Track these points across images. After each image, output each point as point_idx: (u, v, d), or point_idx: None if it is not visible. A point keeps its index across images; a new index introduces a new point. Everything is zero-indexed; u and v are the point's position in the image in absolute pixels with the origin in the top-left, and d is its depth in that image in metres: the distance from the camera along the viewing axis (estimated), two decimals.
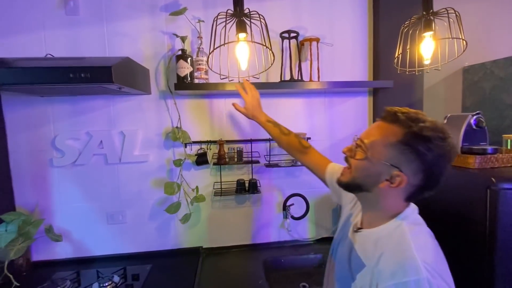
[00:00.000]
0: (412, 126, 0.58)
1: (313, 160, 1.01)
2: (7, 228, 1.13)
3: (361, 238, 0.69)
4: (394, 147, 0.60)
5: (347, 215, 0.82)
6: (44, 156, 1.36)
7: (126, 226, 1.45)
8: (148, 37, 1.37)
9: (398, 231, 0.62)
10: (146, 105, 1.40)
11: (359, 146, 0.65)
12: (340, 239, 0.79)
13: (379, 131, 0.63)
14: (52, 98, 1.34)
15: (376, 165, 0.62)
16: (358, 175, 0.65)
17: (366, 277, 0.61)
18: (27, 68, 0.89)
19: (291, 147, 1.06)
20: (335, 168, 0.93)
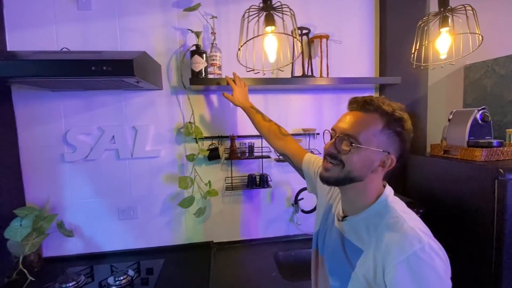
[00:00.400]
0: (387, 112, 0.62)
1: (291, 147, 1.02)
2: (22, 223, 1.12)
3: (349, 225, 0.70)
4: (381, 134, 0.62)
5: (327, 207, 0.81)
6: (55, 151, 1.35)
7: (137, 222, 1.45)
8: (160, 33, 1.38)
9: (387, 210, 0.65)
10: (157, 101, 1.41)
11: (351, 142, 0.63)
12: (325, 232, 0.78)
13: (362, 121, 0.63)
14: (63, 92, 1.33)
15: (369, 154, 0.63)
16: (354, 167, 0.64)
17: (368, 262, 0.61)
18: (49, 61, 0.89)
19: (270, 133, 1.10)
20: (312, 158, 0.94)
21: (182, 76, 1.35)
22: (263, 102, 1.51)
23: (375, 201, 0.67)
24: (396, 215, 0.62)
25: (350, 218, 0.69)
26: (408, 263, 0.54)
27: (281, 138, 1.07)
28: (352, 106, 0.67)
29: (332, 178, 0.67)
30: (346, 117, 0.66)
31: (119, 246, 1.44)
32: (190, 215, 1.49)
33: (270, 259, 1.39)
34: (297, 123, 1.55)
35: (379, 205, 0.66)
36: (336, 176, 0.66)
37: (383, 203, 0.66)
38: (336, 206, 0.77)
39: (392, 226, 0.60)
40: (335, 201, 0.79)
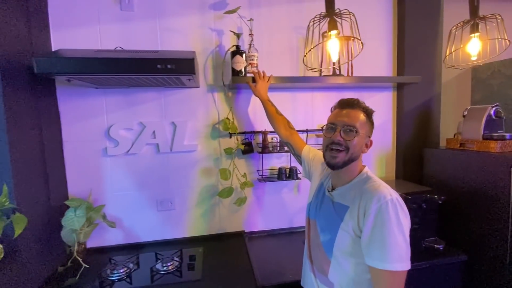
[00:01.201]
0: (366, 108, 0.88)
1: (295, 139, 1.25)
2: (76, 213, 1.18)
3: (338, 193, 0.90)
4: (366, 123, 0.86)
5: (319, 184, 1.02)
6: (97, 145, 1.41)
7: (175, 213, 1.52)
8: (197, 34, 1.46)
9: (368, 178, 0.87)
10: (194, 98, 1.48)
11: (355, 130, 0.83)
12: (317, 202, 0.97)
13: (356, 116, 0.85)
14: (106, 89, 1.40)
15: (362, 138, 0.85)
16: (354, 150, 0.84)
17: (353, 213, 0.81)
18: (119, 59, 0.96)
19: (280, 123, 1.30)
20: (310, 149, 1.19)
21: (222, 75, 1.43)
22: (291, 99, 1.60)
23: (357, 174, 0.89)
24: (375, 181, 0.85)
25: (339, 188, 0.90)
26: (381, 208, 0.75)
27: (288, 130, 1.29)
28: (341, 106, 0.90)
29: (341, 162, 0.85)
30: (343, 113, 0.87)
31: (158, 236, 1.51)
32: (223, 206, 1.57)
33: (301, 246, 1.49)
34: (323, 119, 1.64)
35: (362, 176, 0.88)
36: (343, 160, 0.85)
37: (365, 175, 0.89)
38: (327, 182, 0.99)
39: (372, 187, 0.82)
40: (325, 179, 1.01)
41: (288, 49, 1.57)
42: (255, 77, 1.34)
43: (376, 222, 0.76)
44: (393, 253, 0.73)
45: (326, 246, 0.89)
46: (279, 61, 1.57)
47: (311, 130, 1.61)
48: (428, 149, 1.66)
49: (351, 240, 0.82)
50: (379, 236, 0.74)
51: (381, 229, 0.74)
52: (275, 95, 1.56)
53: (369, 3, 1.66)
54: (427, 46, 1.69)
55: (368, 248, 0.77)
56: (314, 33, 1.04)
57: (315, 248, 0.95)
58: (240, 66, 1.32)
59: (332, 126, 0.87)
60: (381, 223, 0.75)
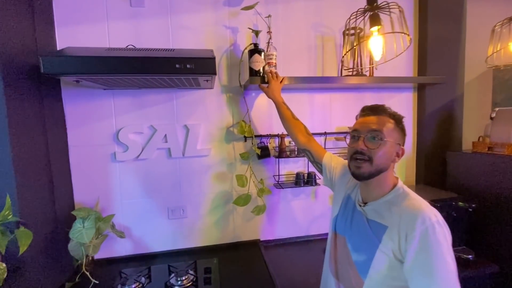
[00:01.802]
0: (394, 114, 0.80)
1: (314, 145, 1.14)
2: (85, 225, 1.09)
3: (371, 209, 0.82)
4: (395, 130, 0.78)
5: (345, 196, 0.94)
6: (105, 150, 1.32)
7: (187, 221, 1.44)
8: (211, 31, 1.37)
9: (405, 194, 0.78)
10: (208, 99, 1.40)
11: (380, 137, 0.76)
12: (346, 216, 0.90)
13: (381, 121, 0.78)
14: (114, 90, 1.31)
15: (390, 147, 0.77)
16: (381, 161, 0.77)
17: (393, 235, 0.74)
18: (133, 58, 0.87)
19: (297, 129, 1.19)
20: (332, 156, 1.09)
21: (239, 75, 1.35)
22: (308, 101, 1.52)
23: (392, 189, 0.80)
24: (414, 198, 0.77)
25: (372, 203, 0.82)
26: (426, 231, 0.68)
27: (306, 136, 1.18)
28: (365, 112, 0.83)
29: (366, 173, 0.78)
30: (366, 120, 0.81)
31: (169, 246, 1.43)
32: (238, 213, 1.49)
33: (321, 256, 1.41)
34: (342, 121, 1.57)
35: (398, 191, 0.79)
36: (368, 171, 0.78)
37: (400, 189, 0.80)
38: (355, 195, 0.90)
39: (413, 206, 0.74)
40: (352, 191, 0.92)
41: (306, 47, 1.49)
42: (268, 77, 1.25)
43: (421, 246, 0.68)
44: (442, 280, 0.66)
45: (360, 267, 0.81)
46: (297, 61, 1.48)
47: (330, 133, 1.53)
48: (452, 153, 1.58)
49: (390, 262, 0.74)
50: (426, 262, 0.67)
51: (428, 254, 0.67)
52: (292, 96, 1.48)
53: None
54: (450, 45, 1.61)
55: (412, 273, 0.70)
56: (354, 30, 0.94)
57: (344, 266, 0.87)
58: (259, 65, 1.24)
59: (355, 135, 0.81)
60: (426, 248, 0.68)
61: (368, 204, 0.83)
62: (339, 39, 1.53)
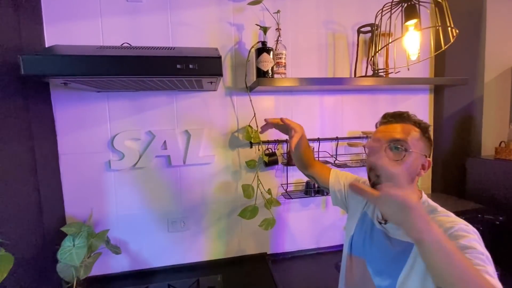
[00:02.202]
0: (419, 122, 0.72)
1: (318, 170, 1.00)
2: (75, 242, 0.98)
3: (392, 226, 0.73)
4: (421, 140, 0.70)
5: (361, 214, 0.85)
6: (99, 158, 1.21)
7: (188, 234, 1.33)
8: (214, 28, 1.26)
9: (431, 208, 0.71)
10: (211, 102, 1.29)
11: (403, 148, 0.68)
12: (366, 236, 0.81)
13: (405, 129, 0.70)
14: (109, 93, 1.20)
15: (416, 159, 0.69)
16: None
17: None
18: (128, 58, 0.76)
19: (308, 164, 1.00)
20: (338, 175, 0.96)
21: (246, 76, 1.24)
22: (318, 103, 1.42)
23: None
24: (444, 212, 0.70)
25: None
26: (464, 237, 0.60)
27: (312, 165, 1.01)
28: (387, 119, 0.74)
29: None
30: (389, 128, 0.72)
31: (169, 261, 1.32)
32: (243, 225, 1.38)
33: (332, 270, 1.31)
34: (355, 125, 1.46)
35: (423, 205, 0.70)
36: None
37: (426, 203, 0.73)
38: (372, 212, 0.81)
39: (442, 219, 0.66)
40: (369, 208, 0.83)
41: (316, 46, 1.38)
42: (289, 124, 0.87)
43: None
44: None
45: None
46: (306, 60, 1.38)
47: (342, 138, 1.42)
48: (472, 159, 1.48)
49: (420, 283, 0.65)
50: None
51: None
52: (301, 99, 1.38)
53: None
54: (469, 44, 1.50)
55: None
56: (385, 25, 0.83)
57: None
58: (268, 65, 1.13)
59: (374, 144, 0.73)
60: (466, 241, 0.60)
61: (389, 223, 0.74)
62: (352, 37, 1.42)
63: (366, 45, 1.41)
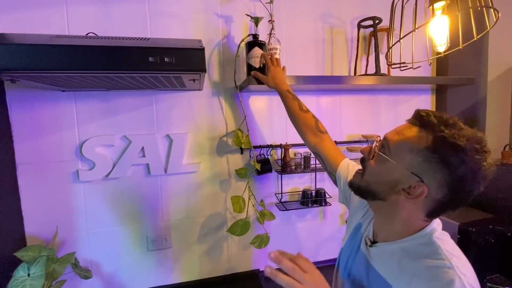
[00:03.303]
0: (444, 131, 0.49)
1: (327, 148, 0.86)
2: (31, 272, 0.82)
3: (378, 252, 0.61)
4: (419, 153, 0.51)
5: (356, 225, 0.73)
6: (65, 168, 1.05)
7: (171, 252, 1.18)
8: (199, 19, 1.12)
9: (429, 247, 0.54)
10: (196, 103, 1.15)
11: (381, 147, 0.57)
12: (349, 253, 0.70)
13: (407, 133, 0.54)
14: (76, 93, 1.04)
15: (395, 170, 0.54)
16: (373, 179, 0.58)
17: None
18: (82, 48, 0.61)
19: (306, 126, 0.90)
20: (349, 165, 0.81)
21: (235, 74, 1.10)
22: (315, 104, 1.29)
23: (410, 234, 0.56)
24: (441, 257, 0.51)
25: (381, 245, 0.61)
26: None
27: (317, 135, 0.89)
28: (410, 119, 0.57)
29: (355, 184, 0.62)
30: (399, 126, 0.58)
31: (149, 284, 1.16)
32: (233, 240, 1.24)
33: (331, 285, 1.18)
34: (354, 128, 1.35)
35: (420, 239, 0.55)
36: (357, 183, 0.61)
37: (425, 237, 0.55)
38: (367, 227, 0.69)
39: (434, 271, 0.50)
40: (366, 221, 0.71)
41: (313, 42, 1.26)
42: (266, 62, 0.99)
43: None
44: None
45: None
46: (302, 57, 1.25)
47: (341, 142, 1.30)
48: None
49: None
50: None
51: None
52: None
53: None
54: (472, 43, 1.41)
55: None
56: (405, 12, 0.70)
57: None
58: (260, 61, 1.00)
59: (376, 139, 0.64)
60: None
61: (378, 245, 0.61)
62: (350, 33, 1.30)
63: (366, 41, 1.30)
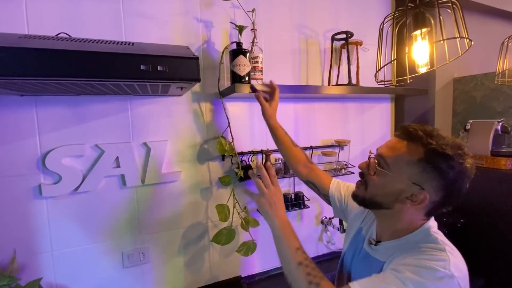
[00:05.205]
0: (432, 144, 0.58)
1: (318, 175, 0.97)
2: None
3: (382, 249, 0.69)
4: (416, 165, 0.60)
5: (357, 229, 0.82)
6: (25, 182, 0.92)
7: (149, 267, 1.11)
8: (179, 23, 1.08)
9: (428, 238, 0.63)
10: (175, 110, 1.10)
11: (378, 162, 0.64)
12: (353, 253, 0.79)
13: (400, 148, 0.63)
14: (37, 97, 0.92)
15: (397, 183, 0.62)
16: (377, 192, 0.65)
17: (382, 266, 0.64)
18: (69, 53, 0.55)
19: (299, 160, 1.00)
20: (340, 184, 0.93)
21: (219, 80, 1.08)
22: (293, 110, 1.34)
23: (412, 232, 0.65)
24: (436, 243, 0.60)
25: (384, 243, 0.69)
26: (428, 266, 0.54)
27: (308, 166, 1.00)
28: (397, 133, 0.67)
29: (359, 197, 0.69)
30: (389, 142, 0.67)
31: None
32: (215, 248, 1.22)
33: None
34: (327, 133, 1.43)
35: (420, 234, 0.64)
36: (362, 195, 0.68)
37: (424, 232, 0.64)
38: (368, 229, 0.78)
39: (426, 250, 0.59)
40: (366, 225, 0.79)
41: (290, 51, 1.31)
42: (260, 102, 0.98)
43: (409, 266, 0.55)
44: None
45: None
46: (280, 65, 1.29)
47: (316, 147, 1.37)
48: None
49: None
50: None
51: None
52: None
53: (370, 5, 1.50)
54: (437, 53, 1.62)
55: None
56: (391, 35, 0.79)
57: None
58: (245, 69, 1.00)
59: (369, 155, 0.69)
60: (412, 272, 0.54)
61: (381, 244, 0.70)
62: (323, 44, 1.38)
63: (337, 53, 1.40)
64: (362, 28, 1.44)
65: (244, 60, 0.99)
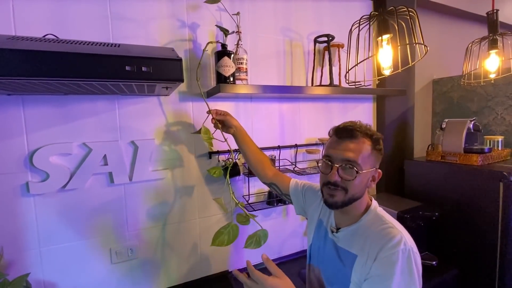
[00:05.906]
0: (372, 135, 0.73)
1: (279, 177, 1.05)
2: None
3: (343, 235, 0.78)
4: (372, 154, 0.73)
5: (317, 222, 0.89)
6: (12, 180, 0.94)
7: (137, 262, 1.14)
8: (165, 25, 1.12)
9: (377, 218, 0.75)
10: (162, 109, 1.14)
11: (353, 167, 0.70)
12: (319, 245, 0.86)
13: (358, 148, 0.71)
14: (24, 96, 0.94)
15: (366, 174, 0.72)
16: (356, 190, 0.72)
17: (362, 263, 0.70)
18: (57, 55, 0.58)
19: (264, 163, 1.08)
20: (298, 183, 1.02)
21: (198, 80, 1.10)
22: (277, 110, 1.39)
23: (364, 212, 0.77)
24: (386, 222, 0.72)
25: (344, 229, 0.78)
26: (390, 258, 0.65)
27: (272, 169, 1.09)
28: (341, 134, 0.74)
29: (339, 203, 0.73)
30: (342, 146, 0.72)
31: None
32: (204, 243, 1.26)
33: (295, 278, 1.29)
34: (311, 132, 1.49)
35: (369, 215, 0.76)
36: (341, 200, 0.73)
37: (372, 212, 0.76)
38: (328, 220, 0.85)
39: (383, 231, 0.70)
40: (325, 216, 0.86)
41: (275, 53, 1.36)
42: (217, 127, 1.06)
43: (380, 273, 0.65)
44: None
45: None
46: (265, 67, 1.33)
47: (301, 145, 1.42)
48: (409, 161, 1.66)
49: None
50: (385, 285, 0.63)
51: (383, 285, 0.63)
52: (260, 106, 1.33)
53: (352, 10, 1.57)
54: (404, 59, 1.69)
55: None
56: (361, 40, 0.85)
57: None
58: (230, 70, 1.04)
59: (328, 163, 0.73)
60: (384, 277, 0.64)
61: (341, 230, 0.78)
62: (307, 46, 1.44)
63: (320, 55, 1.45)
64: (344, 31, 1.50)
65: (228, 61, 1.04)
